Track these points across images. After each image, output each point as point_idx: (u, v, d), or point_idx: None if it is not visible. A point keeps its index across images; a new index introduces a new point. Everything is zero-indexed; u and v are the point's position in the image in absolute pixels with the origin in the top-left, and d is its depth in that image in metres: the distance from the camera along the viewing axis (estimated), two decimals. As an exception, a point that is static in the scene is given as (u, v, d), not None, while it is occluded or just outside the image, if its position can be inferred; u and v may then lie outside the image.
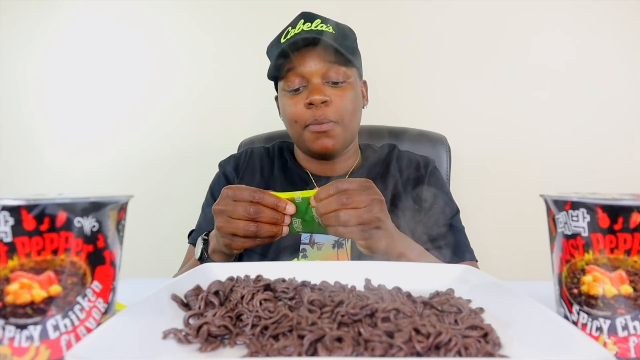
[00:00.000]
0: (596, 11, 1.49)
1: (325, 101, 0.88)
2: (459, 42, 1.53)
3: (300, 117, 0.90)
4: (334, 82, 0.89)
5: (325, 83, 0.89)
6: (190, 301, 0.47)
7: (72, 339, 0.38)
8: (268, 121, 1.42)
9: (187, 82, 1.60)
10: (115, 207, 0.41)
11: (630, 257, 0.39)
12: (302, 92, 0.90)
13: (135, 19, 1.60)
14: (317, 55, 0.88)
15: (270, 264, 0.59)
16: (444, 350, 0.36)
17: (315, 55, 0.88)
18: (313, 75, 0.89)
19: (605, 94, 1.50)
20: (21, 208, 0.36)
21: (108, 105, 1.62)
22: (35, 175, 1.63)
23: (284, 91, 0.93)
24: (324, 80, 0.89)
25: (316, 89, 0.88)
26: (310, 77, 0.89)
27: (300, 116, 0.90)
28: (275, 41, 0.93)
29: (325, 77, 0.89)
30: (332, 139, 0.91)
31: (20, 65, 1.62)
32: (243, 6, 1.57)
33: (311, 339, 0.37)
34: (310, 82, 0.89)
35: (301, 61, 0.89)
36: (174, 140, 1.61)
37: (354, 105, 0.93)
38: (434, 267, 0.59)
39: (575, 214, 0.41)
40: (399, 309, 0.42)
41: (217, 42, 1.59)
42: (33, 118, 1.63)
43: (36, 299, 0.36)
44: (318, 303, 0.44)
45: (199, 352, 0.38)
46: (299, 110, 0.90)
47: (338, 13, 1.01)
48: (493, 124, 1.54)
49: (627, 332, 0.39)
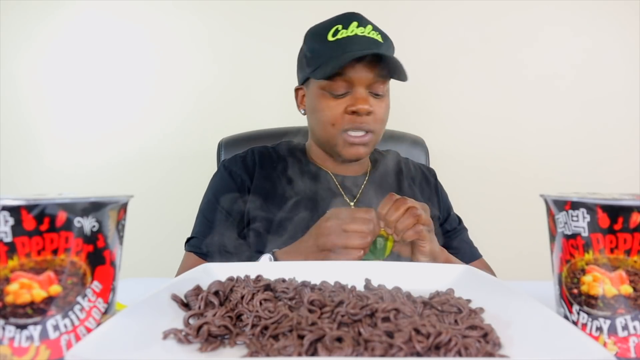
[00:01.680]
0: (596, 11, 1.49)
1: (370, 112, 0.88)
2: (459, 42, 1.53)
3: (339, 122, 0.90)
4: (376, 94, 0.90)
5: (369, 93, 0.90)
6: (190, 301, 0.47)
7: (72, 339, 0.38)
8: (269, 121, 1.42)
9: (188, 81, 1.60)
10: (115, 207, 0.41)
11: (630, 257, 0.39)
12: (345, 97, 0.90)
13: (135, 18, 1.60)
14: (370, 66, 0.87)
15: (270, 264, 0.59)
16: (444, 350, 0.36)
17: (369, 66, 0.87)
18: (360, 84, 0.88)
19: (605, 93, 1.50)
20: (21, 208, 0.36)
21: (108, 105, 1.61)
22: (35, 175, 1.63)
23: (324, 91, 0.91)
24: (369, 89, 0.90)
25: (363, 98, 0.88)
26: (356, 84, 0.88)
27: (339, 120, 0.90)
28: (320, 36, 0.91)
29: (370, 88, 0.89)
30: (366, 147, 0.92)
31: (20, 64, 1.62)
32: (244, 7, 1.57)
33: (311, 339, 0.37)
34: (355, 90, 0.89)
35: (354, 69, 0.87)
36: (174, 140, 1.61)
37: (388, 115, 0.95)
38: (434, 267, 0.59)
39: (575, 214, 0.41)
40: (399, 309, 0.42)
41: (219, 42, 1.59)
42: (33, 118, 1.63)
43: (36, 299, 0.36)
44: (318, 303, 0.44)
45: (199, 352, 0.38)
46: (339, 114, 0.90)
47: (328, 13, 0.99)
48: (493, 124, 1.54)
49: (627, 332, 0.39)
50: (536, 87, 1.52)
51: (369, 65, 0.87)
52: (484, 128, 1.54)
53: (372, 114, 0.89)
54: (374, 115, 0.89)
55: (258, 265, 0.59)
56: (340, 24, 0.89)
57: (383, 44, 0.89)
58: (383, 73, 0.88)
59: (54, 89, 1.62)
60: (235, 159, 1.02)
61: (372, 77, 0.88)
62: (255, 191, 0.96)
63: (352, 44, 0.86)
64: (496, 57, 1.52)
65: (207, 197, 1.00)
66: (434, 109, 1.55)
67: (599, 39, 1.50)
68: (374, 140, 0.93)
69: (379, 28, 0.92)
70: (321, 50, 0.90)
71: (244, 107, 1.58)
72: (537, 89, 1.52)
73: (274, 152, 1.03)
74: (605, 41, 1.49)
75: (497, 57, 1.52)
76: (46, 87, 1.62)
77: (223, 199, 0.98)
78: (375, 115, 0.90)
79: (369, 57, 0.86)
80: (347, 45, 0.87)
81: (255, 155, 1.01)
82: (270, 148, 1.05)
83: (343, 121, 0.89)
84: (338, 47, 0.87)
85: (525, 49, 1.52)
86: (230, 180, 0.99)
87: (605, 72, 1.50)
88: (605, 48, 1.49)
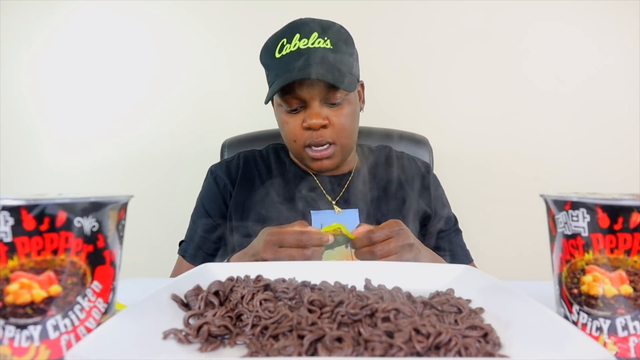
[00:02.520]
0: (597, 11, 1.49)
1: (325, 125, 0.87)
2: (453, 43, 1.53)
3: (298, 138, 0.89)
4: (332, 103, 0.88)
5: (323, 104, 0.88)
6: (190, 301, 0.47)
7: (72, 339, 0.38)
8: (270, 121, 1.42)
9: (187, 81, 1.60)
10: (115, 207, 0.41)
11: (630, 257, 0.39)
12: (300, 112, 0.89)
13: (137, 16, 1.60)
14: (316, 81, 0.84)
15: (270, 264, 0.59)
16: (444, 350, 0.36)
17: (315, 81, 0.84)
18: (312, 98, 0.86)
19: (606, 93, 1.50)
20: (21, 208, 0.36)
21: (108, 104, 1.61)
22: (35, 175, 1.63)
23: (281, 107, 0.91)
24: (323, 101, 0.87)
25: (314, 113, 0.86)
26: (308, 99, 0.87)
27: (298, 136, 0.89)
28: (270, 51, 0.89)
29: (324, 99, 0.87)
30: (332, 159, 0.91)
31: (19, 63, 1.62)
32: (245, 6, 1.57)
33: (311, 339, 0.37)
34: (309, 104, 0.87)
35: (300, 85, 0.85)
36: (174, 139, 1.61)
37: (353, 119, 0.92)
38: (434, 267, 0.59)
39: (575, 214, 0.41)
40: (399, 309, 0.42)
41: (219, 42, 1.58)
42: (33, 118, 1.63)
43: (36, 299, 0.36)
44: (318, 303, 0.44)
45: (199, 352, 0.38)
46: (297, 130, 0.89)
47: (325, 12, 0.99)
48: (494, 124, 1.54)
49: (627, 332, 0.39)
50: (537, 87, 1.52)
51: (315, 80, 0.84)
52: (485, 128, 1.54)
53: (329, 126, 0.87)
54: (331, 126, 0.88)
55: (258, 265, 0.59)
56: (285, 37, 0.87)
57: (331, 49, 0.86)
58: (330, 85, 0.84)
59: (54, 89, 1.62)
60: (221, 164, 1.04)
61: (320, 91, 0.85)
62: (237, 196, 0.97)
63: (294, 60, 0.84)
64: (498, 58, 1.52)
65: (196, 202, 1.03)
66: (438, 108, 1.54)
67: (599, 39, 1.50)
68: (340, 151, 0.91)
69: (329, 29, 0.88)
70: (271, 66, 0.89)
71: (247, 107, 1.58)
72: (537, 90, 1.52)
73: (260, 155, 1.04)
74: (606, 41, 1.49)
75: (499, 58, 1.52)
76: (46, 87, 1.62)
77: (208, 204, 1.00)
78: (332, 126, 0.88)
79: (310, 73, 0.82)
80: (290, 61, 0.84)
81: (241, 160, 1.02)
82: (257, 152, 1.05)
83: (302, 137, 0.89)
84: (282, 64, 0.86)
85: (527, 50, 1.52)
86: (214, 185, 1.00)
87: (606, 72, 1.50)
88: (605, 48, 1.49)
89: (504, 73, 1.52)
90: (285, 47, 0.86)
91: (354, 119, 0.93)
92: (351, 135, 0.93)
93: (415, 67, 1.55)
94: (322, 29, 0.87)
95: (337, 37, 0.88)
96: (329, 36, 0.86)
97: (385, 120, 1.34)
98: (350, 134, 0.92)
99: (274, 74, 0.88)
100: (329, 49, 0.85)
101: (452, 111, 1.54)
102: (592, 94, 1.50)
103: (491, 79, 1.53)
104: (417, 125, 1.36)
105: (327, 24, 0.89)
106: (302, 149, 0.90)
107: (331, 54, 0.85)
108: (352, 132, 0.93)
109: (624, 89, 1.49)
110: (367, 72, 1.42)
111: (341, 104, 0.89)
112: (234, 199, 0.97)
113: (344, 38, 0.89)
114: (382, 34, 1.53)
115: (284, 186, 0.97)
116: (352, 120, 0.92)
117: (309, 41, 0.85)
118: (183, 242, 1.00)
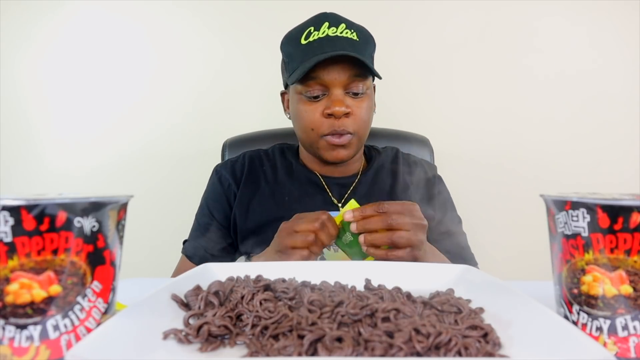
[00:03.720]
0: (596, 11, 1.49)
1: (347, 113, 0.87)
2: (454, 42, 1.53)
3: (317, 126, 0.89)
4: (355, 93, 0.88)
5: (346, 93, 0.88)
6: (190, 301, 0.47)
7: (72, 339, 0.38)
8: (270, 120, 1.42)
9: (187, 81, 1.60)
10: (115, 207, 0.41)
11: (630, 257, 0.39)
12: (322, 100, 0.89)
13: (135, 18, 1.60)
14: (343, 66, 0.86)
15: (270, 264, 0.59)
16: (444, 350, 0.36)
17: (341, 66, 0.86)
18: (335, 85, 0.87)
19: (605, 93, 1.50)
20: (21, 208, 0.36)
21: (108, 104, 1.61)
22: (35, 175, 1.63)
23: (301, 95, 0.90)
24: (345, 90, 0.88)
25: (338, 100, 0.86)
26: (332, 86, 0.87)
27: (317, 125, 0.89)
28: (294, 39, 0.90)
29: (347, 88, 0.88)
30: (347, 150, 0.91)
31: (19, 63, 1.62)
32: (246, 5, 1.57)
33: (311, 339, 0.37)
34: (331, 92, 0.87)
35: (326, 70, 0.86)
36: (174, 139, 1.61)
37: (370, 114, 0.93)
38: (434, 267, 0.59)
39: (575, 214, 0.41)
40: (399, 309, 0.42)
41: (218, 42, 1.58)
42: (33, 117, 1.63)
43: (36, 299, 0.36)
44: (318, 303, 0.44)
45: (199, 352, 0.38)
46: (317, 118, 0.88)
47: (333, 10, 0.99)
48: (493, 124, 1.54)
49: (627, 332, 0.39)
50: (537, 87, 1.52)
51: (342, 65, 0.86)
52: (486, 128, 1.54)
53: (351, 115, 0.88)
54: (353, 116, 0.88)
55: (258, 265, 0.59)
56: (313, 25, 0.88)
57: (357, 41, 0.87)
58: (356, 72, 0.86)
59: (54, 89, 1.62)
60: (226, 163, 1.04)
61: (346, 78, 0.86)
62: (242, 196, 0.97)
63: (323, 46, 0.85)
64: (499, 58, 1.52)
65: (201, 201, 1.03)
66: (438, 108, 1.54)
67: (600, 39, 1.50)
68: (356, 142, 0.91)
69: (355, 25, 0.90)
70: (295, 54, 0.89)
71: (248, 107, 1.58)
72: (538, 90, 1.52)
73: (265, 155, 1.04)
74: (606, 41, 1.49)
75: (500, 58, 1.52)
76: (46, 87, 1.62)
77: (212, 204, 1.00)
78: (354, 116, 0.88)
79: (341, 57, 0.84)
80: (318, 47, 0.85)
81: (246, 159, 1.02)
82: (262, 152, 1.05)
83: (322, 125, 0.88)
84: (310, 49, 0.86)
85: (527, 50, 1.52)
86: (219, 185, 1.00)
87: (606, 72, 1.50)
88: (605, 48, 1.50)
89: (505, 73, 1.52)
90: (313, 34, 0.87)
91: (371, 115, 0.94)
92: (367, 130, 0.94)
93: (417, 67, 1.55)
94: (349, 22, 0.90)
95: (362, 32, 0.90)
96: (355, 29, 0.89)
97: (385, 120, 1.34)
98: (367, 128, 0.93)
99: (299, 59, 0.88)
100: (355, 40, 0.87)
101: (453, 111, 1.54)
102: (593, 94, 1.50)
103: (492, 79, 1.53)
104: (417, 126, 1.36)
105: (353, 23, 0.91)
106: (320, 137, 0.90)
107: (358, 45, 0.87)
108: (368, 127, 0.94)
109: (624, 89, 1.49)
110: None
111: (363, 96, 0.90)
112: (239, 199, 0.97)
113: (367, 35, 0.92)
114: (383, 34, 1.52)
115: (289, 186, 0.97)
116: (369, 116, 0.93)
117: (337, 30, 0.87)
118: (186, 242, 1.00)
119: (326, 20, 0.88)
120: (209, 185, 1.03)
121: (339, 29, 0.87)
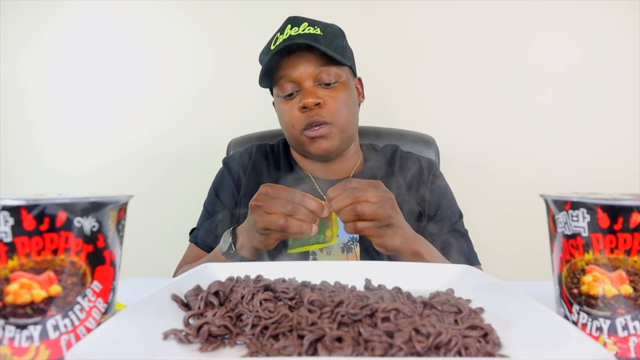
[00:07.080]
0: (596, 11, 1.49)
1: (318, 103, 0.88)
2: (457, 43, 1.53)
3: (296, 122, 0.91)
4: (326, 84, 0.90)
5: (317, 85, 0.90)
6: (190, 301, 0.47)
7: (72, 339, 0.38)
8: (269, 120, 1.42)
9: (187, 81, 1.60)
10: (115, 207, 0.41)
11: (630, 257, 0.39)
12: (296, 96, 0.91)
13: (134, 18, 1.60)
14: (307, 59, 0.89)
15: (270, 264, 0.59)
16: (444, 350, 0.36)
17: (305, 60, 0.89)
18: (304, 80, 0.89)
19: (605, 93, 1.50)
20: (21, 208, 0.36)
21: (108, 104, 1.61)
22: (35, 175, 1.63)
23: (279, 97, 0.94)
24: (316, 82, 0.90)
25: (308, 92, 0.89)
26: (301, 81, 0.90)
27: (296, 120, 0.91)
28: (266, 49, 0.94)
29: (317, 80, 0.90)
30: (329, 140, 0.91)
31: (20, 64, 1.62)
32: (242, 6, 1.57)
33: (311, 339, 0.37)
34: (303, 86, 0.90)
35: (292, 67, 0.89)
36: (173, 139, 1.61)
37: (349, 104, 0.93)
38: (434, 267, 0.59)
39: (575, 214, 0.41)
40: (399, 309, 0.42)
41: (217, 42, 1.58)
42: (33, 118, 1.63)
43: (36, 299, 0.36)
44: (318, 303, 0.44)
45: (199, 352, 0.38)
46: (294, 114, 0.91)
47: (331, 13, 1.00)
48: (493, 124, 1.54)
49: (627, 332, 0.39)
50: (537, 87, 1.52)
51: (305, 58, 0.89)
52: (491, 128, 1.53)
53: (324, 105, 0.89)
54: (326, 106, 0.89)
55: (258, 265, 0.59)
56: (279, 32, 0.92)
57: (321, 35, 0.89)
58: (321, 62, 0.89)
59: (55, 89, 1.62)
60: (234, 155, 1.06)
61: (312, 69, 0.89)
62: (246, 186, 0.99)
63: (286, 46, 0.87)
64: (504, 59, 1.52)
65: (209, 191, 1.05)
66: (444, 108, 1.54)
67: (600, 39, 1.50)
68: (337, 133, 0.92)
69: (320, 22, 0.92)
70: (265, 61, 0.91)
71: (252, 107, 1.58)
72: (537, 89, 1.52)
73: (270, 148, 1.06)
74: (606, 41, 1.49)
75: (501, 58, 1.52)
76: (47, 87, 1.62)
77: (220, 193, 1.02)
78: (327, 106, 0.89)
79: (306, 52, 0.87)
80: (283, 48, 0.88)
81: (253, 151, 1.04)
82: (269, 145, 1.07)
83: (300, 120, 0.90)
84: (275, 52, 0.89)
85: (525, 50, 1.52)
86: (227, 175, 1.02)
87: (606, 73, 1.50)
88: (606, 48, 1.49)
89: (510, 74, 1.52)
90: (279, 38, 0.90)
91: (350, 105, 0.94)
92: (348, 119, 0.93)
93: (422, 67, 1.55)
94: (312, 21, 0.92)
95: (326, 27, 0.92)
96: (319, 25, 0.91)
97: (391, 120, 1.34)
98: (347, 118, 0.93)
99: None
100: (319, 35, 0.89)
101: (458, 111, 1.54)
102: (593, 95, 1.50)
103: (497, 79, 1.53)
104: (423, 125, 1.36)
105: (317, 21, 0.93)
106: (300, 133, 0.91)
107: (321, 38, 0.89)
108: (349, 116, 0.93)
109: (624, 89, 1.49)
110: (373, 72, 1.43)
111: (336, 85, 0.91)
112: (244, 187, 0.99)
113: (335, 30, 0.94)
114: (389, 34, 1.53)
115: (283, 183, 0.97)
116: (347, 105, 0.93)
117: (299, 29, 0.90)
118: (194, 230, 1.01)
119: (289, 23, 0.92)
120: (217, 176, 1.05)
121: (301, 28, 0.90)
